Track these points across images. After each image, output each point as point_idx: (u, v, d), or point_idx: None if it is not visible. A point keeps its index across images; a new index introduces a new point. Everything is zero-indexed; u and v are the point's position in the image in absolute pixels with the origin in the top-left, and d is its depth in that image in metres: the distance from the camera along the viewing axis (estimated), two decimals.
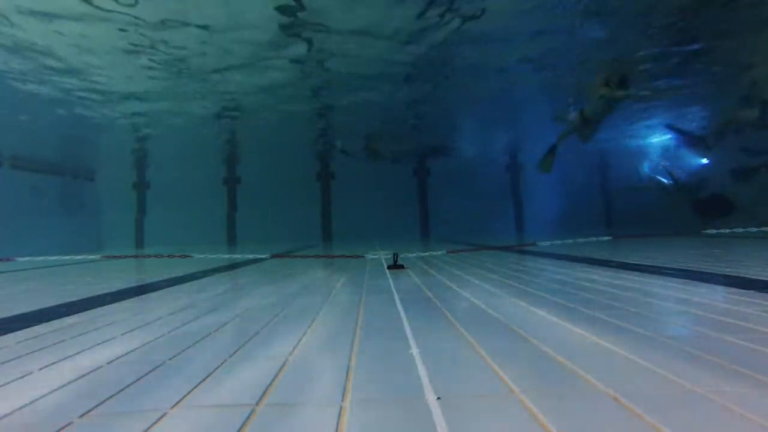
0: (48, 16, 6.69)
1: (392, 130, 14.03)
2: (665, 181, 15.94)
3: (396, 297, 3.15)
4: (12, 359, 1.85)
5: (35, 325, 2.52)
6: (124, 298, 3.51)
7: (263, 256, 7.91)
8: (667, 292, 2.96)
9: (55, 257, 9.06)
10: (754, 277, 3.38)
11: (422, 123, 13.38)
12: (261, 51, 8.12)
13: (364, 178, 17.78)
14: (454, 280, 4.00)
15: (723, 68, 9.87)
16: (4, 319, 2.77)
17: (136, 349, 1.96)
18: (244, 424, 1.18)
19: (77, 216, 15.26)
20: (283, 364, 1.67)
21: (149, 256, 9.44)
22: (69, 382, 1.54)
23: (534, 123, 13.90)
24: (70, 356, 1.87)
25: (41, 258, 8.87)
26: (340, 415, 1.22)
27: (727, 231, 8.94)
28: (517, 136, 16.70)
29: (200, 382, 1.51)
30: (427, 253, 7.39)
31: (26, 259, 8.78)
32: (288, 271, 5.48)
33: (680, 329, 2.02)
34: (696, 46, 8.71)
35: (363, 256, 7.07)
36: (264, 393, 1.39)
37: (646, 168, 17.04)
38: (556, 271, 4.41)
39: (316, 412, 1.25)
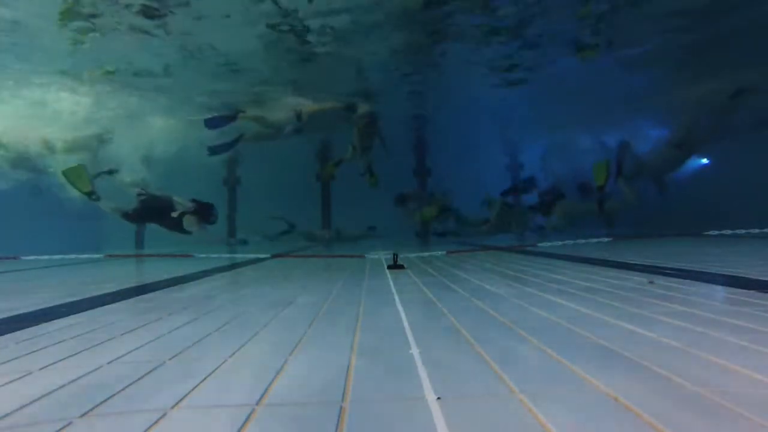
0: None
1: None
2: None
3: (396, 297, 3.16)
4: (12, 359, 1.85)
5: (35, 325, 2.52)
6: (125, 298, 3.52)
7: (264, 256, 7.92)
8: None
9: (59, 256, 9.06)
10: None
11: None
12: None
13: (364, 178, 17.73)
14: (454, 280, 4.00)
15: None
16: (4, 319, 2.77)
17: (137, 348, 1.96)
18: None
19: (77, 216, 15.24)
20: (283, 365, 1.67)
21: (152, 255, 9.44)
22: (69, 382, 1.54)
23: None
24: (70, 356, 1.87)
25: (46, 257, 8.88)
26: (340, 412, 1.22)
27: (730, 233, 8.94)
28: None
29: (200, 382, 1.51)
30: (427, 254, 7.39)
31: (32, 258, 8.80)
32: (288, 271, 5.49)
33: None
34: None
35: (363, 256, 7.08)
36: (269, 386, 1.39)
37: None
38: (556, 271, 4.41)
39: (317, 409, 1.25)
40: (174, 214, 10.46)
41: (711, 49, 9.58)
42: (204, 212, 10.62)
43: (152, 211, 10.57)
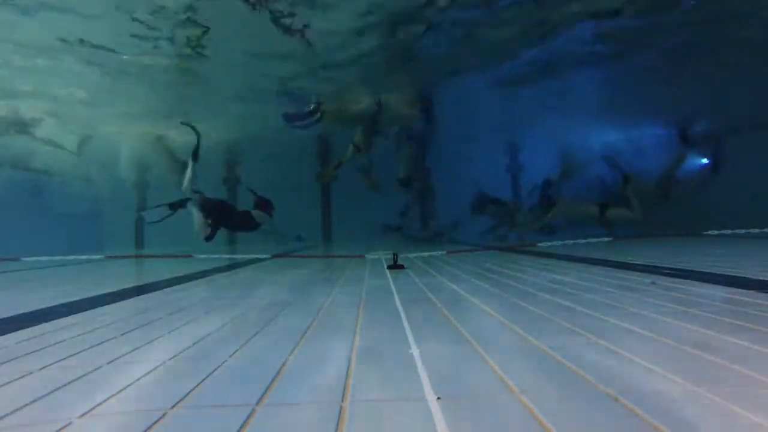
0: None
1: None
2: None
3: (395, 296, 3.16)
4: (12, 359, 1.85)
5: (35, 325, 2.52)
6: (124, 298, 3.52)
7: (264, 257, 7.91)
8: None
9: (59, 257, 9.06)
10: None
11: None
12: None
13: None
14: (454, 279, 4.00)
15: None
16: (4, 319, 2.77)
17: (136, 348, 1.96)
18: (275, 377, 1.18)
19: (77, 216, 15.24)
20: (285, 363, 1.67)
21: (153, 256, 9.43)
22: (69, 382, 1.54)
23: None
24: (69, 356, 1.87)
25: (46, 258, 8.87)
26: (340, 412, 1.22)
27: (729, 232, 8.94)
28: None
29: (199, 383, 1.51)
30: (427, 254, 7.39)
31: (32, 259, 8.78)
32: (288, 271, 5.49)
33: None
34: None
35: (363, 256, 7.07)
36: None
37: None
38: (555, 270, 4.41)
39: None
40: (240, 211, 10.22)
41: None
42: (265, 206, 10.37)
43: (219, 212, 10.07)
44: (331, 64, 9.13)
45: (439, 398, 1.30)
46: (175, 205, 9.82)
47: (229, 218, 10.31)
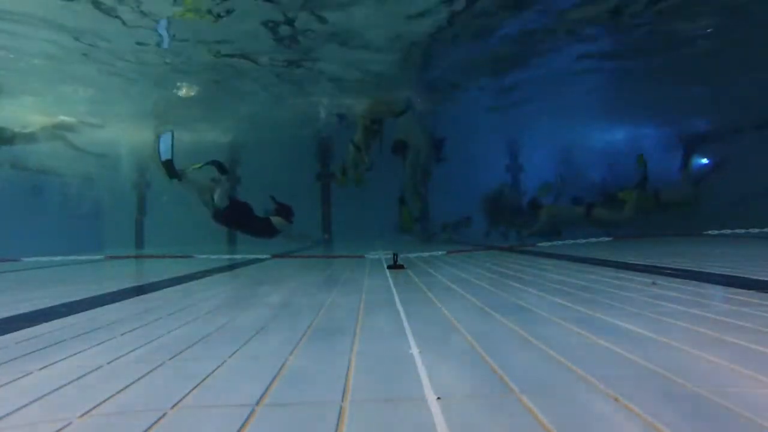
0: None
1: None
2: None
3: (395, 296, 3.17)
4: (12, 359, 1.85)
5: (35, 325, 2.52)
6: (124, 298, 3.52)
7: (264, 257, 7.91)
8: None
9: (59, 257, 9.05)
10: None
11: None
12: None
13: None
14: (453, 279, 4.00)
15: None
16: (4, 319, 2.77)
17: (136, 348, 1.96)
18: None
19: (78, 216, 15.23)
20: (282, 366, 1.67)
21: (153, 256, 9.43)
22: (69, 382, 1.54)
23: None
24: (69, 356, 1.87)
25: (46, 258, 8.86)
26: (340, 412, 1.22)
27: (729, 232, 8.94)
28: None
29: (199, 383, 1.51)
30: (427, 254, 7.39)
31: (33, 259, 8.77)
32: (287, 272, 5.49)
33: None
34: None
35: (363, 256, 7.08)
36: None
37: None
38: (555, 270, 4.41)
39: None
40: (260, 216, 10.07)
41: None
42: (284, 211, 10.34)
43: (237, 214, 9.93)
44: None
45: (438, 398, 1.30)
46: (215, 163, 9.55)
47: (247, 223, 10.28)
